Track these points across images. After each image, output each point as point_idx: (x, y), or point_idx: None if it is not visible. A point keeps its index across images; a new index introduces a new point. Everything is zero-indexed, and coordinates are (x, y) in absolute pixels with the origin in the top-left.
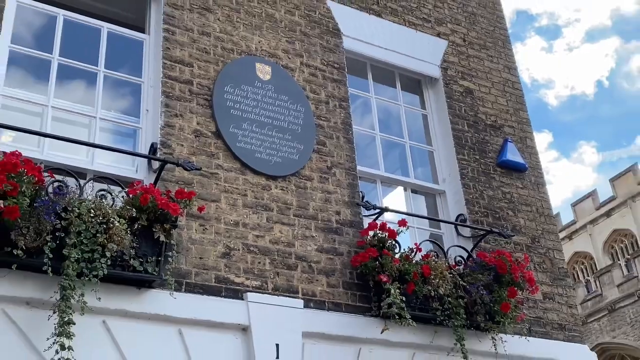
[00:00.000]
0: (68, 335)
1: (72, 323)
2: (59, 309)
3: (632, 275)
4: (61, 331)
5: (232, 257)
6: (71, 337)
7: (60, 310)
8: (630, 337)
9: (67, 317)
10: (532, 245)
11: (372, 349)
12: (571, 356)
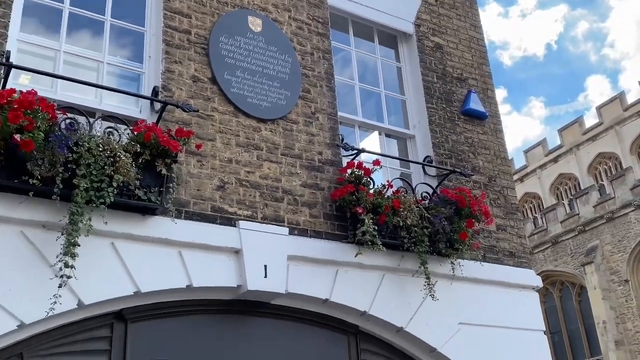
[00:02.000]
0: (72, 256)
1: (77, 245)
2: (66, 232)
3: (574, 213)
4: (66, 251)
5: (226, 189)
6: (75, 256)
7: (67, 232)
8: (570, 265)
9: (73, 239)
10: (489, 184)
11: (347, 270)
12: (519, 279)
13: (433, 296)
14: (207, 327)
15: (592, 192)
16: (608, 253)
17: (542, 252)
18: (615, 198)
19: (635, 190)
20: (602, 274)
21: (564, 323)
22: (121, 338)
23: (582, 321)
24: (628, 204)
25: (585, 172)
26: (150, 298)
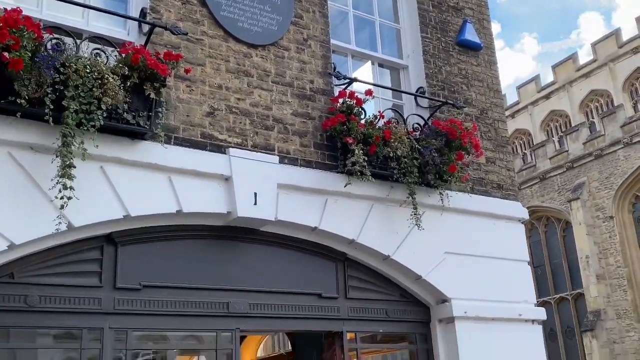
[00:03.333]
0: (69, 177)
1: (72, 166)
2: (61, 154)
3: (563, 150)
4: (63, 173)
5: (216, 116)
6: (72, 178)
7: (62, 155)
8: (556, 201)
9: (69, 161)
10: (481, 116)
11: (336, 199)
12: (506, 211)
13: (419, 226)
14: (197, 252)
15: (582, 129)
16: (595, 190)
17: (529, 188)
18: (605, 135)
19: (625, 127)
20: (588, 210)
21: (548, 257)
22: (111, 260)
23: (565, 256)
24: (617, 141)
25: (576, 109)
26: (140, 222)
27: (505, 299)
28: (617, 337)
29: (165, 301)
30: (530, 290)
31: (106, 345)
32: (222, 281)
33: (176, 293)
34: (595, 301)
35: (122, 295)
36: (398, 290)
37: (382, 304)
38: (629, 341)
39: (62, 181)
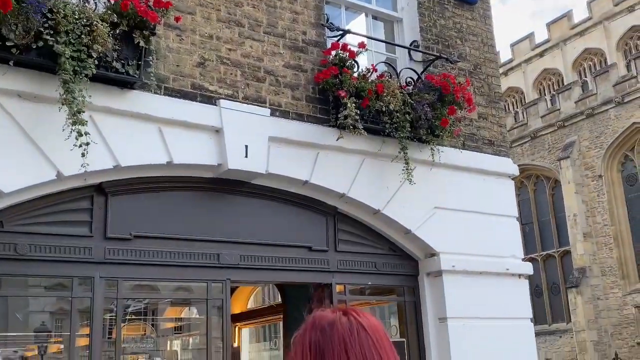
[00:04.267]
0: (82, 123)
1: (82, 111)
2: (67, 102)
3: (555, 108)
4: (74, 120)
5: (207, 67)
6: (85, 123)
7: (68, 102)
8: (546, 160)
9: (76, 107)
10: (474, 71)
11: (328, 153)
12: (497, 167)
13: (411, 180)
14: (187, 203)
15: (574, 88)
16: (585, 149)
17: (520, 146)
18: (597, 94)
19: (617, 87)
20: (577, 169)
21: (536, 215)
22: (101, 210)
23: (553, 214)
24: (609, 101)
25: (570, 67)
26: (130, 172)
27: (492, 254)
28: (601, 294)
29: (156, 251)
30: (517, 245)
31: (97, 294)
32: (213, 233)
33: (167, 243)
34: (581, 258)
35: (112, 245)
36: (387, 244)
37: (371, 257)
38: (612, 298)
39: (76, 128)
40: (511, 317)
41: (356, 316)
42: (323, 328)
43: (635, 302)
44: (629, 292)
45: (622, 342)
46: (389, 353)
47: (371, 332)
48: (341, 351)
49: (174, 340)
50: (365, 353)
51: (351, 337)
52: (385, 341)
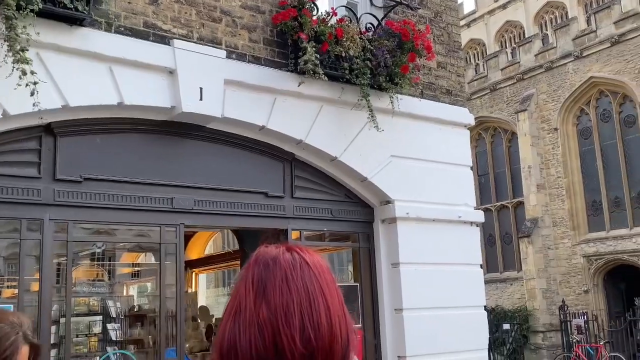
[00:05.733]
0: (26, 61)
1: (25, 50)
2: (9, 39)
3: (515, 61)
4: (18, 59)
5: (160, 5)
6: (29, 62)
7: (11, 39)
8: (504, 112)
9: (19, 45)
10: (435, 19)
11: (285, 99)
12: (453, 117)
13: (377, 127)
14: (140, 146)
15: (535, 41)
16: (542, 102)
17: (479, 98)
18: (557, 48)
19: (577, 40)
20: (534, 122)
21: (492, 167)
22: (50, 151)
23: (509, 165)
24: (568, 54)
25: (531, 20)
26: (79, 113)
27: (446, 202)
28: (551, 244)
29: (108, 194)
30: (470, 194)
31: (46, 236)
32: (167, 177)
33: (119, 187)
34: (534, 209)
35: (62, 187)
36: (343, 191)
37: (327, 204)
38: (562, 247)
39: (20, 67)
40: (462, 263)
41: (300, 252)
42: (266, 263)
43: (583, 252)
44: (578, 243)
45: (570, 290)
46: (331, 289)
47: (314, 267)
48: (283, 284)
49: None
50: (307, 286)
51: (294, 271)
52: (329, 277)
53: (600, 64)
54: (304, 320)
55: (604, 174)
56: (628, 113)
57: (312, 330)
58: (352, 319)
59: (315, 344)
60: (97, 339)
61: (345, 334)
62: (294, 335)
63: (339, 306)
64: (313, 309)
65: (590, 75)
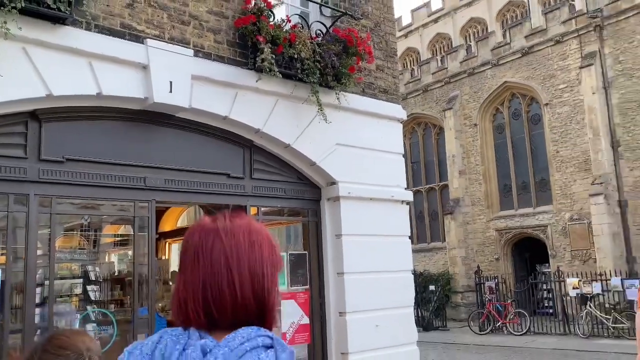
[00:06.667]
0: None
1: None
2: None
3: (443, 67)
4: None
5: (135, 8)
6: None
7: None
8: (434, 110)
9: None
10: (375, 29)
11: (245, 93)
12: (389, 112)
13: (326, 120)
14: (117, 132)
15: (460, 50)
16: (465, 102)
17: (413, 98)
18: (478, 57)
19: (494, 51)
20: (458, 118)
21: (423, 155)
22: (35, 135)
23: (437, 155)
24: (487, 62)
25: (458, 33)
26: (62, 101)
27: (381, 184)
28: (470, 220)
29: (87, 173)
30: (402, 177)
31: (32, 210)
32: (140, 159)
33: (97, 167)
34: (456, 191)
35: (46, 167)
36: (295, 174)
37: (281, 184)
38: (478, 222)
39: None
40: (394, 234)
41: (224, 221)
42: (192, 233)
43: (496, 226)
44: (492, 219)
45: (484, 257)
46: (241, 257)
47: (230, 236)
48: (194, 263)
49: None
50: (213, 262)
51: (203, 248)
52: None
53: (513, 71)
54: (207, 294)
55: (513, 163)
56: (534, 112)
57: (213, 304)
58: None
59: (218, 317)
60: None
61: (254, 300)
62: (198, 310)
63: (248, 276)
64: (216, 283)
65: (505, 80)
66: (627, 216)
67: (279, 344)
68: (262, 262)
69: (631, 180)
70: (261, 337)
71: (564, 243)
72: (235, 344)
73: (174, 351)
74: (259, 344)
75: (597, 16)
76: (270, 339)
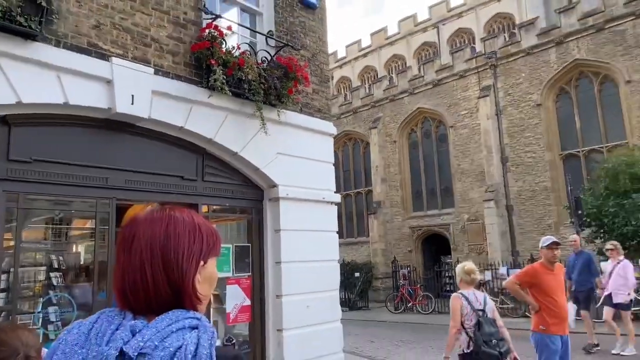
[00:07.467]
0: None
1: None
2: None
3: (370, 93)
4: None
5: (102, 29)
6: None
7: None
8: (362, 128)
9: None
10: (312, 58)
11: (199, 108)
12: (322, 128)
13: (266, 132)
14: (82, 137)
15: (384, 80)
16: (387, 122)
17: (346, 117)
18: (398, 86)
19: (411, 82)
20: (381, 136)
21: (353, 165)
22: (5, 137)
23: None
24: (405, 91)
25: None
26: (31, 109)
27: (314, 187)
28: (389, 219)
29: (53, 173)
30: (332, 182)
31: (0, 204)
32: (103, 161)
33: (63, 167)
34: (379, 195)
35: (14, 166)
36: (242, 177)
37: (229, 186)
38: (396, 222)
39: None
40: (324, 230)
41: (150, 214)
42: (124, 225)
43: (409, 224)
44: (406, 218)
45: (400, 250)
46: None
47: (148, 228)
48: (120, 245)
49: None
50: (132, 254)
51: (130, 232)
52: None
53: (425, 99)
54: (125, 282)
55: (424, 173)
56: (442, 133)
57: (129, 291)
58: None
59: (134, 303)
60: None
61: (170, 288)
62: (120, 296)
63: (161, 265)
64: (132, 272)
65: (419, 106)
66: (513, 218)
67: (203, 326)
68: (177, 252)
69: (516, 190)
70: (188, 319)
71: (463, 239)
72: (163, 325)
73: (107, 330)
74: (185, 325)
75: (492, 57)
76: (197, 320)
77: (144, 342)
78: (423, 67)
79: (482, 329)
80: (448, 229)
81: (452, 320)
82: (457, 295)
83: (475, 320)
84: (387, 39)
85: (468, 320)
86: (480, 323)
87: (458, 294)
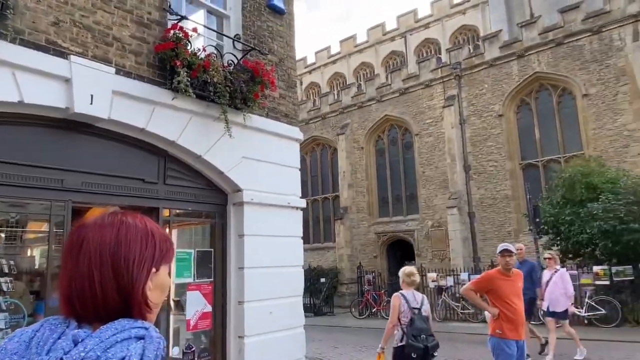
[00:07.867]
0: None
1: None
2: None
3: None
4: None
5: (61, 27)
6: None
7: None
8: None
9: None
10: (279, 63)
11: (162, 109)
12: (289, 133)
13: (230, 135)
14: (38, 137)
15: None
16: (355, 128)
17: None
18: (366, 93)
19: (378, 89)
20: (349, 142)
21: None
22: None
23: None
24: (373, 98)
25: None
26: None
27: (280, 192)
28: (355, 224)
29: (6, 174)
30: (297, 187)
31: None
32: (59, 162)
33: (17, 168)
34: (346, 201)
35: None
36: (205, 181)
37: (192, 190)
38: (362, 227)
39: None
40: (288, 235)
41: (100, 219)
42: (71, 231)
43: (375, 230)
44: (372, 224)
45: (365, 255)
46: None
47: (97, 234)
48: (66, 252)
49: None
50: (79, 261)
51: (77, 238)
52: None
53: (392, 107)
54: (71, 289)
55: (390, 180)
56: (407, 140)
57: (76, 299)
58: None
59: (81, 311)
60: None
61: (119, 296)
62: (65, 304)
63: (111, 273)
64: (80, 279)
65: (385, 114)
66: (475, 225)
67: (149, 336)
68: (128, 258)
69: (478, 197)
70: (135, 329)
71: (427, 245)
72: (108, 335)
73: (49, 339)
74: (132, 335)
75: (457, 67)
76: (144, 330)
77: (86, 353)
78: (390, 75)
79: (414, 324)
80: (412, 234)
81: (390, 316)
82: (397, 295)
83: (410, 317)
84: (356, 46)
85: (404, 317)
86: (412, 320)
87: (398, 294)
